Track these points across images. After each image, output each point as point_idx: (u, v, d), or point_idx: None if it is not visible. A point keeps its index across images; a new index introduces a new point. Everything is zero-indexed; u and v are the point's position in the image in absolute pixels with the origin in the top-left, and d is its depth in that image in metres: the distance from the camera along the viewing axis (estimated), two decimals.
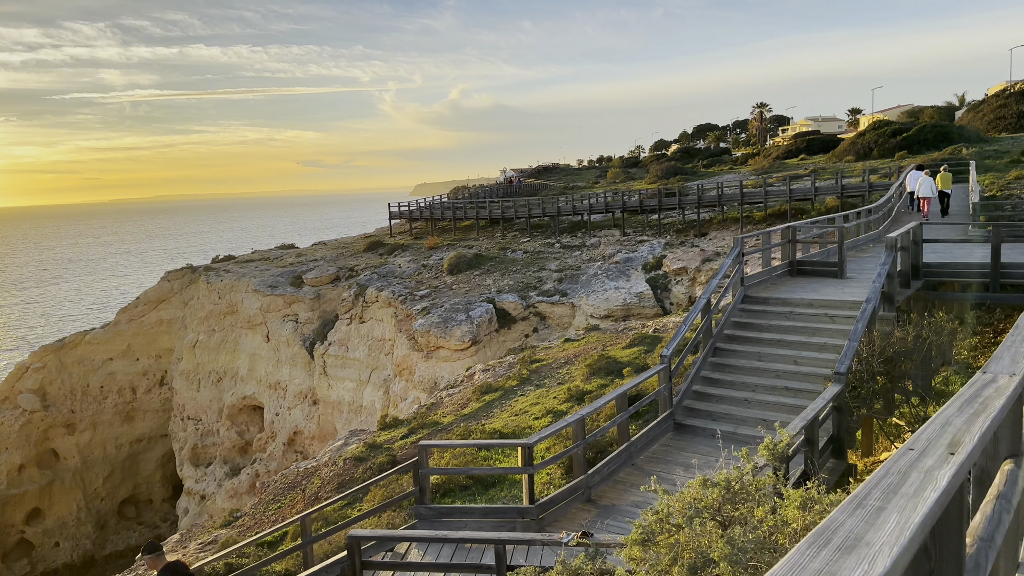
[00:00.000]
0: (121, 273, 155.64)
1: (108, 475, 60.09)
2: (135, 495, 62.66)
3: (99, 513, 59.63)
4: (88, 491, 59.20)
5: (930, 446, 2.01)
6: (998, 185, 31.32)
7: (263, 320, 50.37)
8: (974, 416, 2.26)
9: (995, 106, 53.87)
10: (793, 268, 14.86)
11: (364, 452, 21.66)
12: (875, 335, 10.56)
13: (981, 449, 2.08)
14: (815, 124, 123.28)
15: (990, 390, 2.56)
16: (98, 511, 59.66)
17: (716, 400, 11.61)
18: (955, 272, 13.72)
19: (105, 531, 59.96)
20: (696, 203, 41.35)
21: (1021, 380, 2.72)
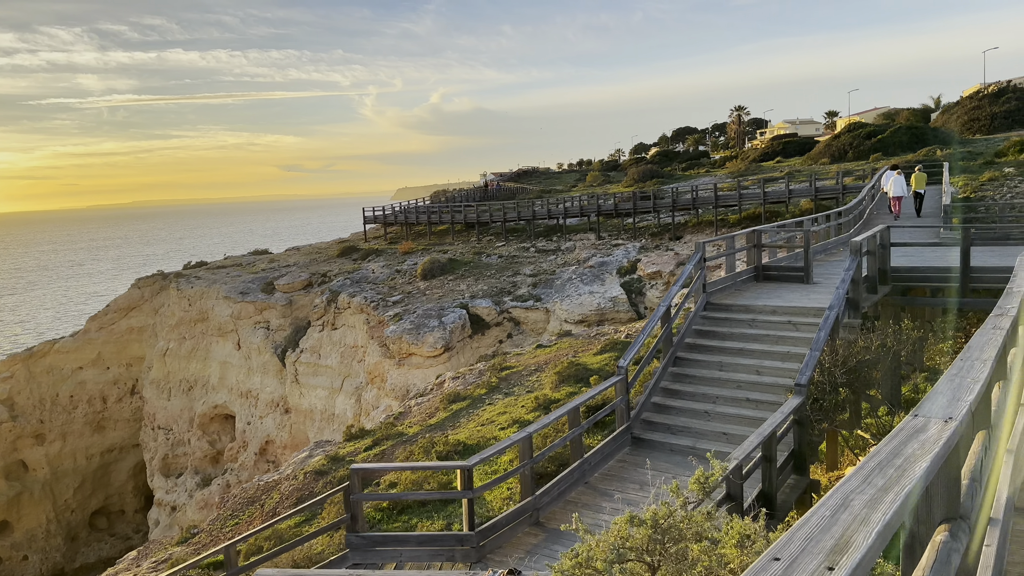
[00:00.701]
0: (97, 280, 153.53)
1: (79, 486, 58.86)
2: (106, 506, 61.44)
3: (69, 525, 58.41)
4: (58, 503, 57.96)
5: (803, 555, 1.47)
6: (972, 187, 31.18)
7: (234, 327, 49.48)
8: (883, 492, 1.73)
9: (969, 108, 54.03)
10: (759, 273, 14.41)
11: (326, 465, 20.99)
12: (838, 344, 10.10)
13: (880, 550, 1.55)
14: (793, 127, 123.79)
15: (914, 445, 2.04)
16: (68, 523, 58.43)
17: (676, 412, 11.10)
18: (924, 276, 13.32)
19: (76, 543, 58.71)
20: (671, 206, 41.00)
21: (959, 427, 2.21)
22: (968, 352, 3.43)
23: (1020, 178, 31.30)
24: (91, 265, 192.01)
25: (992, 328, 4.31)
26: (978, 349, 3.53)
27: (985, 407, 3.18)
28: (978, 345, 3.64)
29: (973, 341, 3.81)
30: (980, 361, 3.22)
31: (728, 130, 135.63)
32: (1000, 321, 4.58)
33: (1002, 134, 47.03)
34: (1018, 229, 17.61)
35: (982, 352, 3.46)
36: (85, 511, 59.64)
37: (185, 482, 51.61)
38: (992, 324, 4.43)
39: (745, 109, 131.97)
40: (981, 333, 4.10)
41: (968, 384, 2.72)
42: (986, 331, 4.13)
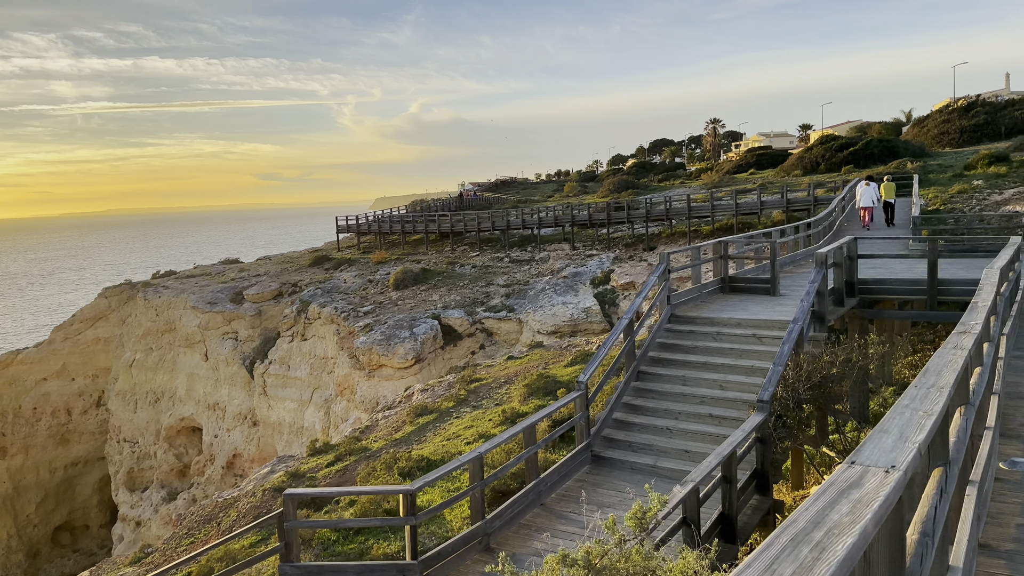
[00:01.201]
0: (67, 289, 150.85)
1: (41, 500, 57.45)
2: (70, 521, 59.97)
3: (31, 541, 56.92)
4: (20, 518, 56.50)
5: None
6: (941, 199, 31.28)
7: (202, 338, 48.56)
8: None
9: (939, 121, 54.53)
10: (725, 285, 14.10)
11: (286, 482, 20.38)
12: (803, 358, 9.78)
13: None
14: (767, 140, 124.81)
15: (844, 507, 1.62)
16: (30, 539, 56.95)
17: (637, 429, 10.72)
18: (892, 289, 13.08)
19: (38, 559, 57.25)
20: (644, 217, 40.84)
21: (903, 478, 1.81)
22: (924, 378, 3.07)
23: (989, 190, 31.45)
24: (62, 274, 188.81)
25: (953, 348, 3.95)
26: (935, 373, 3.17)
27: (942, 441, 2.82)
28: (935, 368, 3.28)
29: (931, 364, 3.45)
30: (936, 389, 2.86)
31: (704, 142, 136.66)
32: (962, 340, 4.23)
33: (971, 147, 47.46)
34: (986, 241, 17.50)
35: (939, 377, 3.10)
36: (48, 526, 58.21)
37: (151, 496, 50.48)
38: (953, 343, 4.08)
39: (720, 122, 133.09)
40: (940, 354, 3.75)
41: (919, 420, 2.34)
42: (946, 352, 3.77)
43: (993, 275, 7.50)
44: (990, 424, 5.18)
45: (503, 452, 14.07)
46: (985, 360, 5.30)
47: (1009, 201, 29.37)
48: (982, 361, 5.10)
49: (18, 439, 56.93)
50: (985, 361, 5.28)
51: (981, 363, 5.09)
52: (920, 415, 2.39)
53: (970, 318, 5.40)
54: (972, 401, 3.97)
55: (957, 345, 4.04)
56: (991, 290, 6.73)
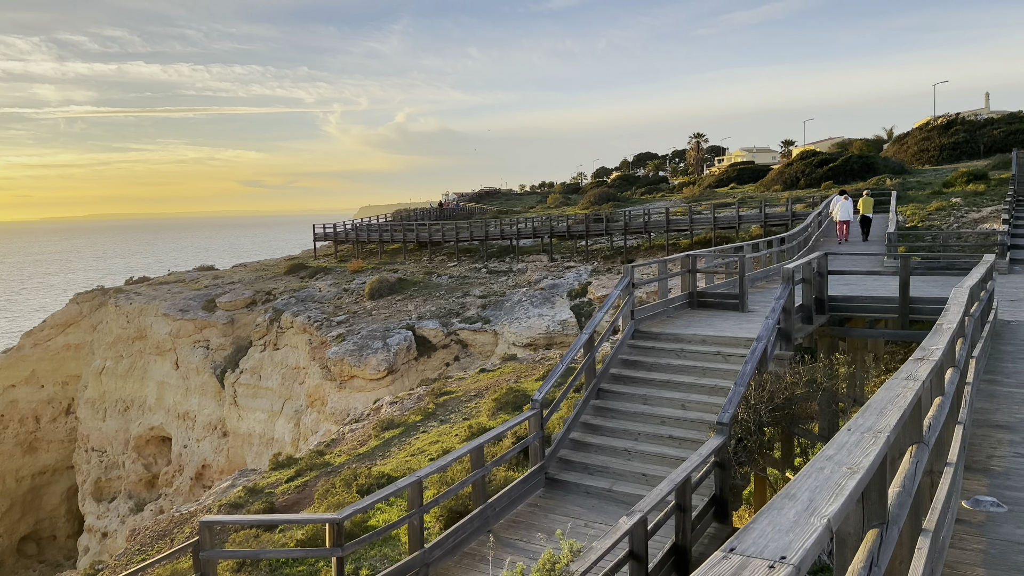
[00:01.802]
0: (46, 294, 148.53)
1: (7, 510, 56.10)
2: (37, 531, 58.60)
3: None
4: None
5: None
6: (919, 216, 31.11)
7: (172, 346, 47.63)
8: None
9: (919, 139, 54.66)
10: (693, 300, 13.65)
11: (243, 498, 19.69)
12: (766, 378, 9.31)
13: None
14: (750, 155, 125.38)
15: None
16: None
17: (595, 450, 10.20)
18: (862, 307, 12.67)
19: (2, 570, 55.91)
20: (623, 229, 40.49)
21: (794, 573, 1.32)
22: (862, 417, 2.58)
23: (967, 208, 31.33)
24: (41, 279, 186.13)
25: (904, 379, 3.47)
26: (876, 412, 2.68)
27: (878, 496, 2.33)
28: (878, 405, 2.80)
29: (875, 398, 2.96)
30: (873, 433, 2.37)
31: (688, 156, 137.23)
32: (917, 369, 3.76)
33: (950, 165, 47.56)
34: (963, 259, 17.20)
35: (880, 417, 2.61)
36: (13, 536, 56.82)
37: (118, 507, 49.33)
38: (906, 373, 3.60)
39: (704, 136, 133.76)
40: (889, 386, 3.27)
41: (838, 480, 1.83)
42: (895, 384, 3.29)
43: (961, 294, 7.07)
44: (952, 459, 4.71)
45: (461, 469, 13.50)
46: (948, 388, 4.84)
47: (987, 219, 29.23)
48: (943, 390, 4.64)
49: None
50: (948, 389, 4.81)
51: (942, 392, 4.63)
52: (842, 473, 1.89)
53: (932, 342, 4.93)
54: (927, 439, 3.50)
55: (910, 375, 3.56)
56: (958, 310, 6.29)
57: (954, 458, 4.79)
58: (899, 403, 2.86)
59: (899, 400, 2.91)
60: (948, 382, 4.98)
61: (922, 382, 3.49)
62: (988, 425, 6.77)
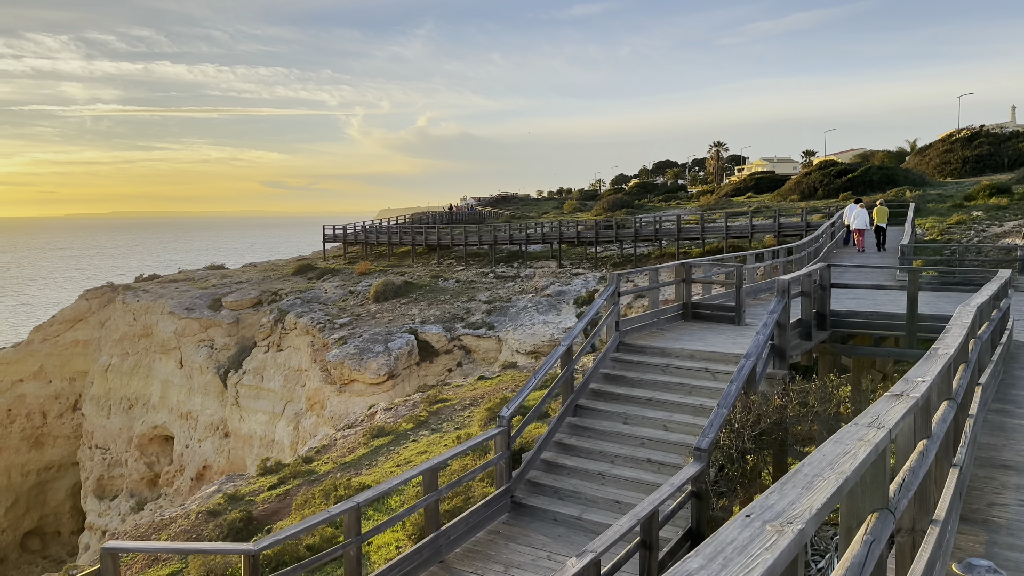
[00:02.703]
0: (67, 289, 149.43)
1: (11, 505, 56.01)
2: (41, 527, 58.49)
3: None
4: None
5: None
6: (939, 229, 30.04)
7: (177, 345, 47.28)
8: None
9: (941, 151, 53.36)
10: (687, 312, 12.82)
11: (222, 505, 19.05)
12: (753, 400, 8.49)
13: None
14: (770, 164, 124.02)
15: None
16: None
17: (567, 473, 9.41)
18: (867, 323, 11.78)
19: (5, 566, 55.80)
20: (633, 237, 39.62)
21: None
22: (773, 496, 1.80)
23: (988, 222, 30.20)
24: (63, 274, 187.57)
25: (866, 426, 2.68)
26: (799, 486, 1.89)
27: None
28: (805, 476, 2.01)
29: (807, 462, 2.18)
30: (777, 526, 1.59)
31: (707, 165, 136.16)
32: (888, 411, 2.95)
33: (972, 178, 46.27)
34: (980, 274, 16.22)
35: (803, 495, 1.83)
36: (17, 531, 56.73)
37: (119, 505, 49.02)
38: (871, 417, 2.81)
39: (724, 145, 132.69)
40: (838, 439, 2.48)
41: None
42: (848, 436, 2.50)
43: (966, 313, 6.22)
44: (939, 515, 3.89)
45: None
46: (937, 429, 4.02)
47: (1009, 234, 28.12)
48: (930, 431, 3.82)
49: None
50: (936, 430, 4.00)
51: (928, 434, 3.81)
52: None
53: (920, 371, 4.12)
54: (894, 504, 2.70)
55: (875, 421, 2.76)
56: (960, 332, 5.45)
57: (943, 513, 3.97)
58: (841, 468, 2.08)
59: (843, 463, 2.13)
60: (938, 421, 4.15)
61: (889, 430, 2.70)
62: (993, 465, 5.92)
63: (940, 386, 4.49)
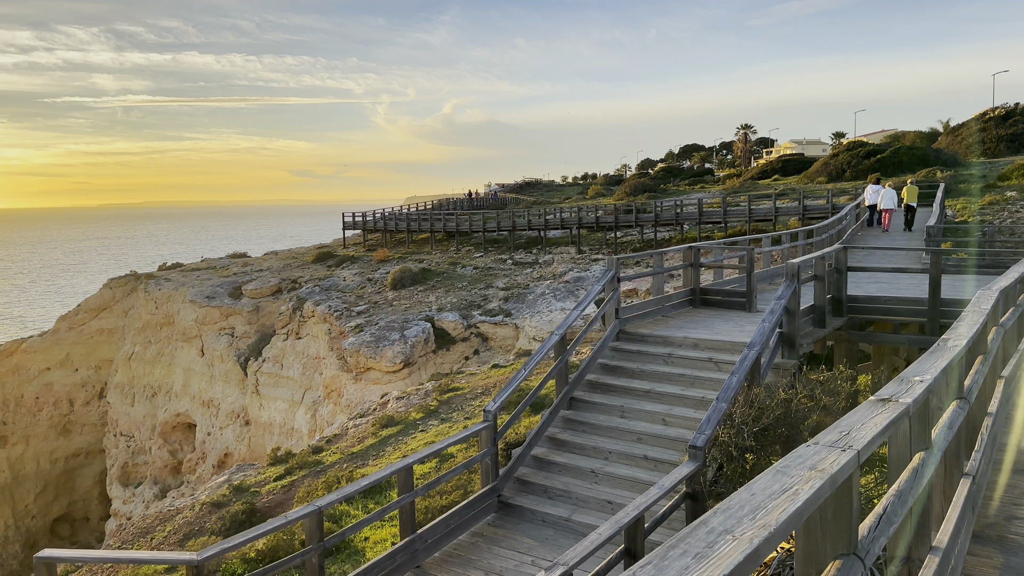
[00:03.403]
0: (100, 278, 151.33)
1: (41, 491, 56.75)
2: (70, 513, 59.26)
3: (29, 531, 56.26)
4: (18, 508, 55.85)
5: None
6: (970, 210, 28.89)
7: (198, 333, 47.37)
8: None
9: (975, 130, 51.60)
10: (695, 298, 12.14)
11: (228, 496, 18.76)
12: (756, 393, 7.85)
13: None
14: (799, 147, 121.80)
15: None
16: (28, 529, 56.29)
17: (558, 471, 8.84)
18: (887, 308, 11.02)
19: (35, 550, 56.40)
20: (654, 221, 38.77)
21: None
22: (647, 570, 1.23)
23: (1022, 202, 28.97)
24: (96, 263, 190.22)
25: (828, 447, 2.08)
26: (696, 551, 1.31)
27: None
28: (729, 517, 1.43)
29: (735, 499, 1.60)
30: None
31: (735, 148, 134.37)
32: (863, 428, 2.34)
33: (1007, 157, 44.63)
34: (1011, 256, 15.31)
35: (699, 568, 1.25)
36: (47, 517, 57.52)
37: (143, 492, 49.42)
38: (833, 437, 2.20)
39: (752, 128, 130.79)
40: (785, 467, 1.89)
41: None
42: (800, 463, 1.90)
43: (986, 299, 5.53)
44: (940, 541, 3.28)
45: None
46: (940, 437, 3.40)
47: None
48: (928, 442, 3.19)
49: (19, 428, 56.34)
50: (939, 439, 3.38)
51: (926, 445, 3.19)
52: None
53: (921, 368, 3.49)
54: (862, 548, 2.10)
55: (839, 441, 2.16)
56: (977, 319, 4.78)
57: (947, 536, 3.36)
58: (766, 520, 1.48)
59: (773, 511, 1.54)
60: (942, 428, 3.52)
61: (857, 452, 2.09)
62: (1015, 470, 5.24)
63: (946, 384, 3.84)
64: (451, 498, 12.20)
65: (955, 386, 4.05)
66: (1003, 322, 6.11)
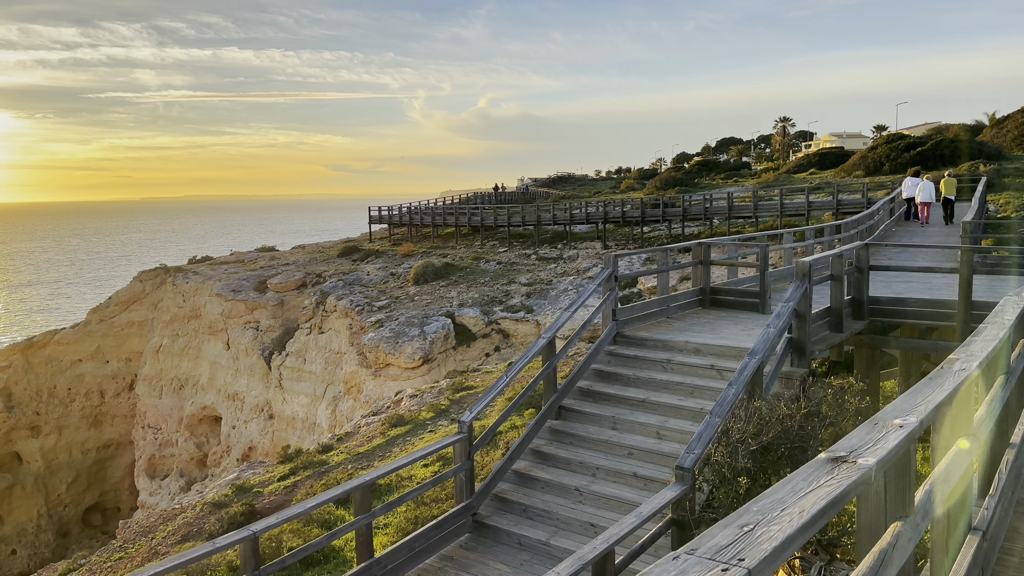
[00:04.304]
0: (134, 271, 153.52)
1: (73, 481, 57.48)
2: (101, 503, 59.96)
3: (61, 520, 57.00)
4: (51, 497, 56.63)
5: None
6: (1014, 205, 27.42)
7: (224, 326, 47.42)
8: None
9: (1020, 122, 49.50)
10: (705, 298, 11.30)
11: (229, 496, 18.35)
12: (757, 406, 7.02)
13: None
14: (839, 140, 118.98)
15: None
16: (60, 518, 57.04)
17: (541, 487, 8.10)
18: (912, 311, 10.06)
19: (67, 540, 57.28)
20: (681, 216, 37.68)
21: None
22: None
23: None
24: (138, 256, 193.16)
25: (705, 560, 1.33)
26: None
27: None
28: None
29: None
30: None
31: (773, 142, 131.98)
32: (778, 520, 1.59)
33: None
34: None
35: None
36: (79, 507, 58.27)
37: (169, 485, 49.69)
38: (732, 530, 1.45)
39: (791, 121, 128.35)
40: None
41: None
42: None
43: (1011, 307, 4.66)
44: None
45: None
46: (924, 507, 2.61)
47: None
48: (906, 510, 2.41)
49: (52, 419, 57.09)
50: (925, 506, 2.58)
51: (905, 512, 2.40)
52: None
53: (904, 406, 2.70)
54: None
55: (730, 548, 1.41)
56: (996, 333, 3.93)
57: None
58: None
59: None
60: (936, 481, 2.73)
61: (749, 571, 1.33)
62: None
63: (949, 420, 3.03)
64: (444, 507, 11.53)
65: (963, 420, 3.23)
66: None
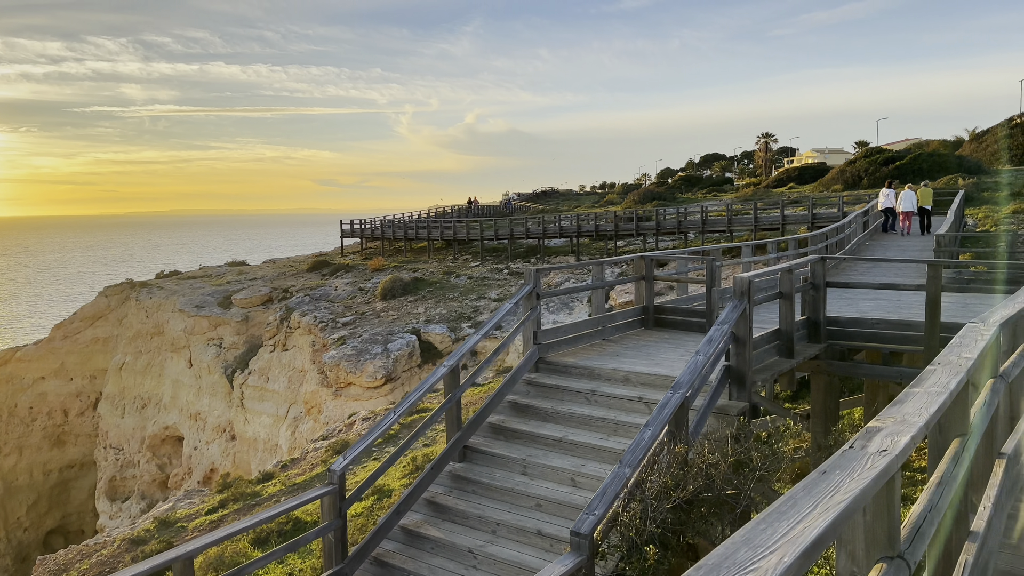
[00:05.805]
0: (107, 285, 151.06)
1: (33, 503, 55.44)
2: (64, 525, 57.87)
3: (21, 544, 54.91)
4: (10, 520, 54.59)
5: None
6: (992, 219, 26.53)
7: (187, 343, 45.84)
8: None
9: (1000, 137, 48.95)
10: (648, 317, 10.11)
11: (151, 532, 16.91)
12: (679, 452, 5.80)
13: None
14: (821, 155, 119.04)
15: None
16: (20, 542, 54.94)
17: (431, 548, 6.82)
18: (874, 334, 8.90)
19: (27, 564, 55.03)
20: (655, 230, 36.63)
21: None
22: None
23: None
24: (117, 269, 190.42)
25: None
26: None
27: None
28: None
29: None
30: None
31: (756, 157, 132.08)
32: None
33: None
34: None
35: None
36: (39, 530, 56.18)
37: (130, 507, 47.85)
38: None
39: (773, 136, 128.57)
40: None
41: None
42: None
43: (973, 338, 3.47)
44: None
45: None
46: None
47: None
48: None
49: (12, 439, 55.15)
50: None
51: None
52: None
53: (850, 460, 1.53)
54: None
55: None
56: (946, 382, 2.72)
57: None
58: None
59: None
60: None
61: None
62: None
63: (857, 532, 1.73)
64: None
65: (882, 532, 2.01)
66: (1003, 372, 4.00)
